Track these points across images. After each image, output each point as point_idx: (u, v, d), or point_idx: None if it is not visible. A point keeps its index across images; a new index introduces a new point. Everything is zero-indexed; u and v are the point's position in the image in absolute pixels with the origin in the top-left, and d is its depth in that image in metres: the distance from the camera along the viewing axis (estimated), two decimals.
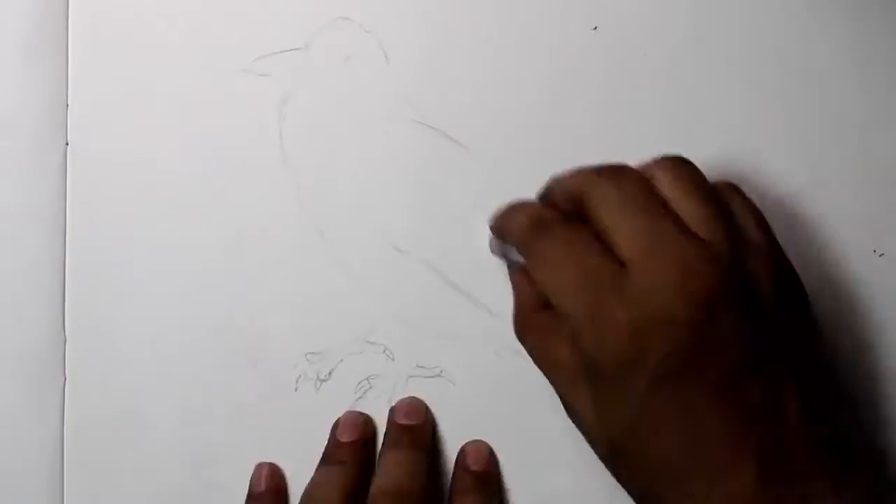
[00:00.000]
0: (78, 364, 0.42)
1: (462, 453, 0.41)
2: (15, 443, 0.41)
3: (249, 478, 0.41)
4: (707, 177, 0.37)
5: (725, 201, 0.36)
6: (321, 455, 0.41)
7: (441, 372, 0.42)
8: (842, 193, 0.44)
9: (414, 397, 0.42)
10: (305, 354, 0.42)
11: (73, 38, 0.42)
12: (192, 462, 0.41)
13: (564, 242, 0.35)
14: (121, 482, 0.41)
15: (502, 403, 0.42)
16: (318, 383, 0.42)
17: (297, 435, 0.42)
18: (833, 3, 0.44)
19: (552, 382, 0.37)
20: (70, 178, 0.42)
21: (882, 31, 0.44)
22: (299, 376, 0.42)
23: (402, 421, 0.41)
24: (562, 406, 0.37)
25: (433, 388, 0.42)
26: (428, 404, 0.42)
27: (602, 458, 0.36)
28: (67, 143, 0.42)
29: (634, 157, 0.43)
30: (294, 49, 0.43)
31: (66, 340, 0.42)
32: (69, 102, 0.42)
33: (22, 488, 0.41)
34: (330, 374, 0.42)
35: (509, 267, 0.41)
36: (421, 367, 0.42)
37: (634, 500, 0.35)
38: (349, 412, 0.41)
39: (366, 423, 0.41)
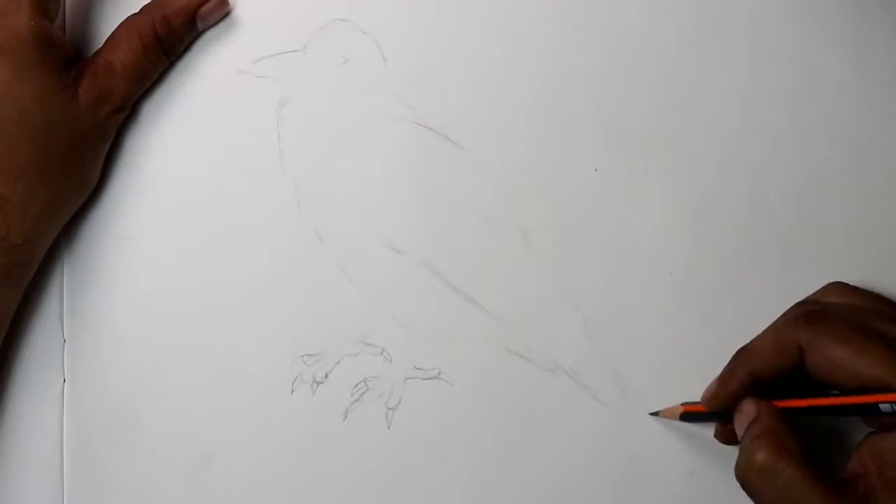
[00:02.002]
0: (77, 365, 0.41)
1: None
2: (15, 444, 0.41)
3: (245, 481, 0.41)
4: (704, 178, 0.36)
5: None
6: None
7: (439, 373, 0.42)
8: (841, 193, 0.43)
9: None
10: (302, 356, 0.41)
11: (70, 36, 0.42)
12: (190, 463, 0.41)
13: None
14: (120, 482, 0.41)
15: (500, 404, 0.42)
16: (315, 386, 0.41)
17: (292, 438, 0.41)
18: (833, 3, 0.43)
19: None
20: None
21: (882, 31, 0.43)
22: (295, 378, 0.41)
23: None
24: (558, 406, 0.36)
25: (431, 389, 0.42)
26: (426, 406, 0.42)
27: None
28: None
29: (632, 156, 0.43)
30: (292, 51, 0.42)
31: (65, 341, 0.41)
32: None
33: (22, 488, 0.41)
34: (326, 376, 0.41)
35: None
36: (419, 368, 0.42)
37: None
38: None
39: None
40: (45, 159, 0.38)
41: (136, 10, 0.40)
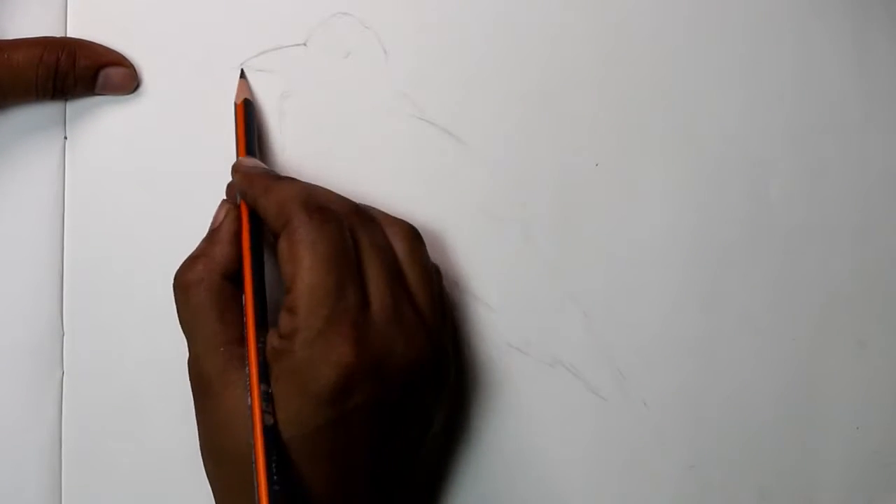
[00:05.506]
0: (76, 358, 0.40)
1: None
2: (13, 437, 0.39)
3: None
4: (704, 175, 0.36)
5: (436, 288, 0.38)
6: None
7: None
8: (842, 191, 0.43)
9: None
10: None
11: (72, 35, 0.41)
12: (190, 456, 0.40)
13: (340, 245, 0.34)
14: (119, 476, 0.40)
15: (500, 398, 0.41)
16: None
17: None
18: (834, 1, 0.43)
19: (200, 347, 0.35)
20: (68, 171, 0.40)
21: (883, 29, 0.43)
22: None
23: None
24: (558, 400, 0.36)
25: None
26: None
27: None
28: (66, 137, 0.41)
29: (633, 152, 0.42)
30: (294, 45, 0.42)
31: (63, 334, 0.40)
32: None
33: (20, 482, 0.39)
34: None
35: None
36: None
37: None
38: None
39: None
40: None
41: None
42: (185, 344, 0.40)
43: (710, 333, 0.42)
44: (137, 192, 0.41)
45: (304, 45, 0.42)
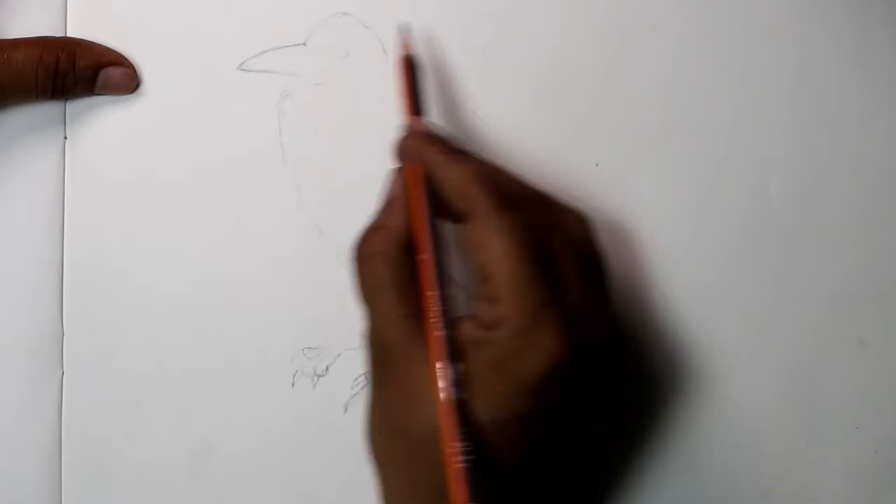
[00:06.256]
0: (76, 357, 0.40)
1: None
2: (13, 436, 0.39)
3: (246, 472, 0.40)
4: (705, 174, 0.35)
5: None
6: None
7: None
8: (842, 190, 0.43)
9: None
10: (303, 349, 0.40)
11: (72, 35, 0.41)
12: (190, 456, 0.40)
13: (532, 233, 0.32)
14: (118, 475, 0.40)
15: None
16: (315, 379, 0.40)
17: (293, 430, 0.40)
18: (834, 1, 0.43)
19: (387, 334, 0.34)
20: (68, 171, 0.40)
21: (884, 27, 0.43)
22: (296, 371, 0.40)
23: None
24: None
25: None
26: None
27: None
28: (66, 137, 0.41)
29: (633, 151, 0.42)
30: (294, 45, 0.41)
31: (63, 334, 0.40)
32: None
33: (20, 481, 0.39)
34: (327, 369, 0.40)
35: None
36: None
37: None
38: None
39: None
40: None
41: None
42: (186, 344, 0.40)
43: (710, 333, 0.42)
44: (137, 192, 0.41)
45: (304, 45, 0.42)
